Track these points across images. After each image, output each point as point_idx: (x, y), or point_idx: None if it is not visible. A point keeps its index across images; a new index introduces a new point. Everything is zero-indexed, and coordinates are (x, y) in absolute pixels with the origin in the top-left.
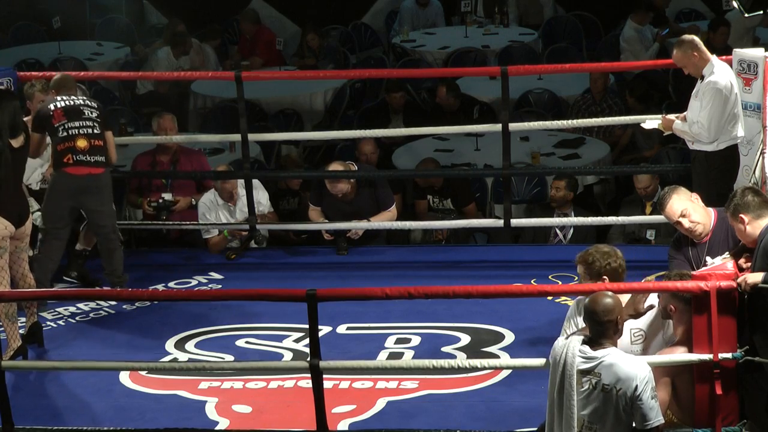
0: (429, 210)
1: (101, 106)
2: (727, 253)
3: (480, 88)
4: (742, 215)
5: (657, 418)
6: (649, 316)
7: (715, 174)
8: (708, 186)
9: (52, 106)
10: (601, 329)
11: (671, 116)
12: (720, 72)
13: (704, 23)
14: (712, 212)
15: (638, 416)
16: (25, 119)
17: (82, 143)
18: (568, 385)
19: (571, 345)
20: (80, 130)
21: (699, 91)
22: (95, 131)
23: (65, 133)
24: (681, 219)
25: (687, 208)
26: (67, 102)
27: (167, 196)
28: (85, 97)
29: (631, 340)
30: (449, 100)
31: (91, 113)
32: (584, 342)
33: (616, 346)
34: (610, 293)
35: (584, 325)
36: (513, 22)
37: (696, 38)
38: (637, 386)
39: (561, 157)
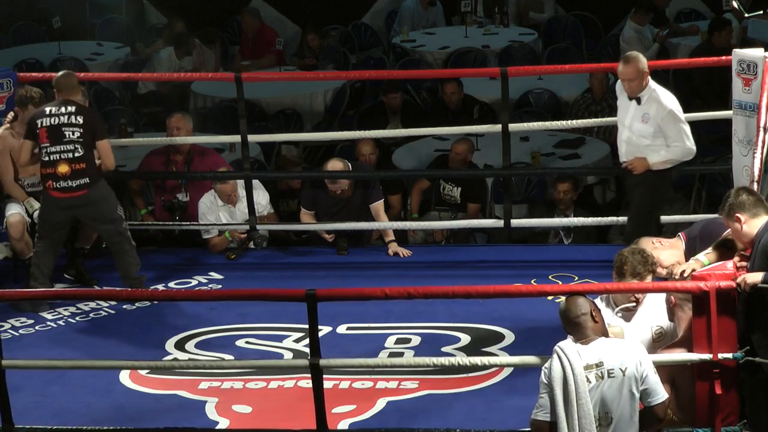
0: (438, 197)
1: (89, 116)
2: (710, 248)
3: (480, 88)
4: (738, 215)
5: (663, 393)
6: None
7: (664, 191)
8: (653, 204)
9: (39, 122)
10: (582, 324)
11: (635, 162)
12: (665, 94)
13: (704, 23)
14: (679, 240)
15: (646, 393)
16: (8, 123)
17: (63, 169)
18: (582, 385)
19: (566, 351)
20: (61, 155)
21: (649, 115)
22: (76, 154)
23: (47, 158)
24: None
25: (655, 257)
26: (51, 120)
27: (181, 197)
28: (71, 112)
29: (653, 337)
30: (459, 96)
31: (73, 134)
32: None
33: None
34: (579, 295)
35: (610, 315)
36: (513, 22)
37: (645, 58)
38: (641, 362)
39: (561, 157)
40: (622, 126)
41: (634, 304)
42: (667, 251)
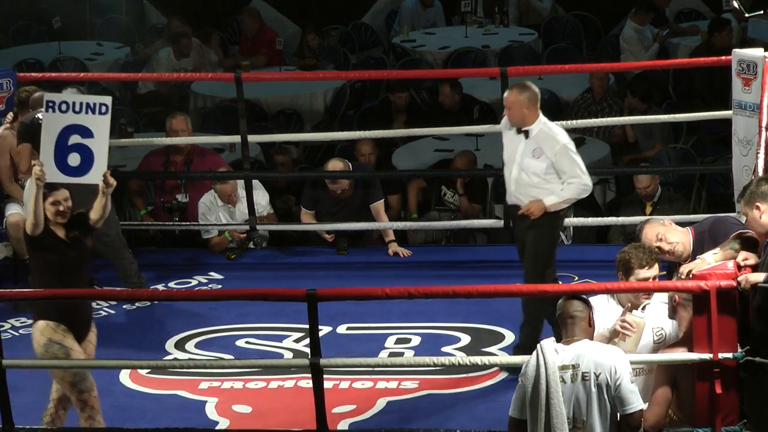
0: (438, 203)
1: None
2: (718, 248)
3: (480, 88)
4: (758, 204)
5: (638, 403)
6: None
7: (558, 230)
8: (551, 246)
9: (40, 115)
10: (573, 324)
11: (532, 206)
12: (557, 128)
13: (704, 23)
14: (688, 231)
15: (619, 401)
16: (8, 123)
17: None
18: (555, 384)
19: (544, 349)
20: None
21: (541, 150)
22: None
23: None
24: (659, 243)
25: (661, 231)
26: None
27: (181, 198)
28: None
29: (654, 339)
30: (453, 98)
31: None
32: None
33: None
34: (582, 297)
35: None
36: (513, 22)
37: (538, 92)
38: (616, 369)
39: None
40: (511, 162)
41: (649, 301)
42: (676, 231)
